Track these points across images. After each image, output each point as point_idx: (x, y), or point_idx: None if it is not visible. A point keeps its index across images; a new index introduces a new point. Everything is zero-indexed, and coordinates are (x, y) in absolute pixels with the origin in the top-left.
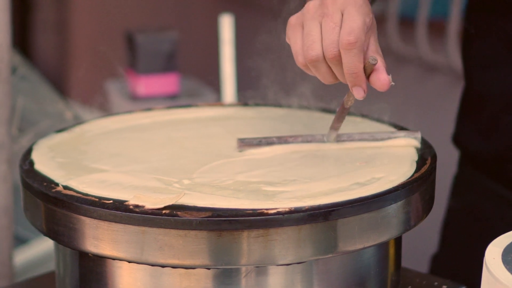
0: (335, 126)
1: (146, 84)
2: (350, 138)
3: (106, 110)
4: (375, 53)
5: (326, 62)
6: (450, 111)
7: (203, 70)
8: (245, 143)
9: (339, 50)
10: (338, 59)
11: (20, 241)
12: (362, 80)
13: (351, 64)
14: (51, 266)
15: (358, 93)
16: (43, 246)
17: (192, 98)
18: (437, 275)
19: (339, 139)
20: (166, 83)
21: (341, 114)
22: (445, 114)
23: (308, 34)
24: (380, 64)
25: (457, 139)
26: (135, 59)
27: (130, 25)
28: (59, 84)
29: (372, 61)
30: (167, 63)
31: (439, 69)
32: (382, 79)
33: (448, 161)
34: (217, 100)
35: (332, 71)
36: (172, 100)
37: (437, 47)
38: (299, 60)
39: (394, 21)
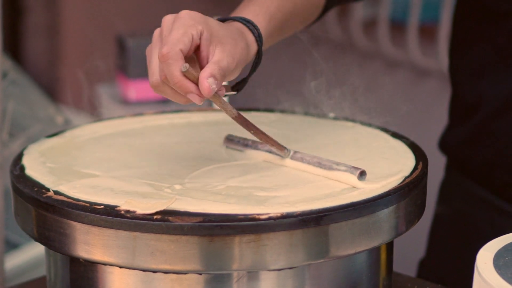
0: (252, 131)
1: (137, 89)
2: (303, 159)
3: (97, 114)
4: (215, 64)
5: (167, 84)
6: (441, 115)
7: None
8: (231, 142)
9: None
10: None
11: (11, 246)
12: (188, 87)
13: (170, 74)
14: (42, 271)
15: (194, 99)
16: (34, 251)
17: (184, 105)
18: (425, 280)
19: (293, 157)
20: None
21: (245, 125)
22: (435, 118)
23: (149, 62)
24: (202, 72)
25: (445, 145)
26: (126, 63)
27: (121, 29)
28: (50, 88)
29: (183, 69)
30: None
31: (429, 73)
32: (201, 87)
33: (437, 167)
34: (209, 105)
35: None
36: (164, 105)
37: (428, 52)
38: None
39: (385, 25)
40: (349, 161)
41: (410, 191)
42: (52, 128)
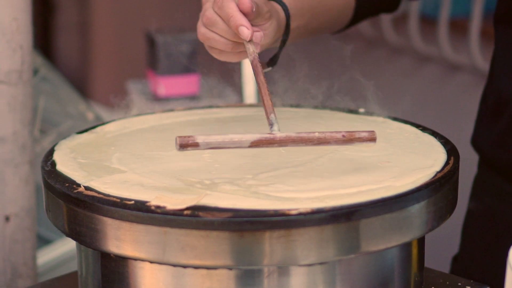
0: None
1: (167, 85)
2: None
3: (127, 110)
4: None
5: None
6: (472, 111)
7: (224, 71)
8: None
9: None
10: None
11: (43, 241)
12: (240, 19)
13: (226, 6)
14: (74, 266)
15: (243, 32)
16: (66, 246)
17: (213, 99)
18: (458, 276)
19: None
20: (186, 83)
21: (255, 71)
22: (467, 114)
23: (203, 4)
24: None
25: (475, 142)
26: (155, 59)
27: (152, 25)
28: (82, 85)
29: None
30: (188, 64)
31: (461, 68)
32: (241, 2)
33: (470, 162)
34: (238, 100)
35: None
36: (193, 101)
37: (459, 46)
38: (200, 30)
39: (416, 20)
40: (380, 156)
41: (441, 186)
42: (82, 124)
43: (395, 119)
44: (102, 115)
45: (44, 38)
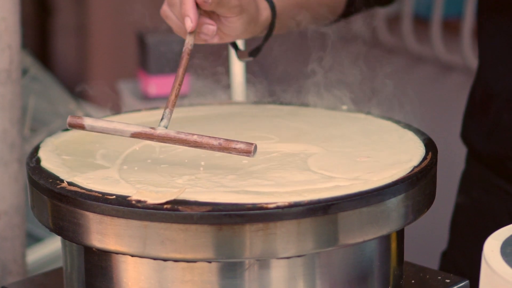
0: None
1: (158, 84)
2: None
3: (118, 110)
4: None
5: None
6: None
7: (214, 70)
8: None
9: None
10: None
11: (34, 239)
12: (188, 9)
13: None
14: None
15: (186, 23)
16: (56, 244)
17: (203, 98)
18: (447, 271)
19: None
20: None
21: (179, 63)
22: (460, 113)
23: None
24: None
25: (465, 136)
26: (146, 59)
27: (147, 28)
28: (78, 87)
29: None
30: (177, 63)
31: (454, 68)
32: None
33: (463, 158)
34: (228, 99)
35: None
36: (183, 100)
37: (452, 47)
38: (162, 7)
39: (409, 21)
40: (359, 151)
41: (418, 181)
42: None
43: (377, 116)
44: (93, 114)
45: (41, 40)
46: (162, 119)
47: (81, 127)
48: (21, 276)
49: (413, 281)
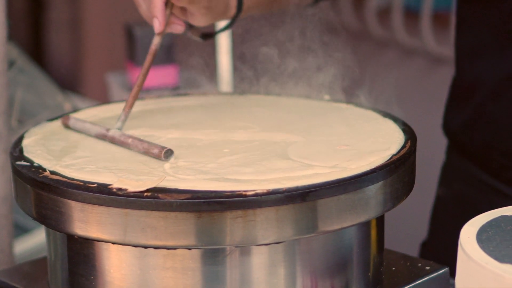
0: (139, 82)
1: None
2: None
3: (106, 102)
4: None
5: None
6: None
7: (202, 62)
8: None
9: None
10: None
11: (22, 230)
12: (157, 11)
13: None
14: None
15: (154, 24)
16: (44, 235)
17: (191, 90)
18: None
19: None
20: (165, 75)
21: (144, 63)
22: None
23: None
24: None
25: (446, 126)
26: (134, 51)
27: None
28: (73, 81)
29: None
30: (166, 56)
31: (444, 60)
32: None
33: (443, 150)
34: (214, 90)
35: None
36: (172, 92)
37: (442, 39)
38: None
39: (399, 13)
40: (339, 140)
41: (396, 168)
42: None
43: (358, 105)
44: (80, 106)
45: (35, 34)
46: (117, 120)
47: (67, 126)
48: (8, 266)
49: (393, 268)
